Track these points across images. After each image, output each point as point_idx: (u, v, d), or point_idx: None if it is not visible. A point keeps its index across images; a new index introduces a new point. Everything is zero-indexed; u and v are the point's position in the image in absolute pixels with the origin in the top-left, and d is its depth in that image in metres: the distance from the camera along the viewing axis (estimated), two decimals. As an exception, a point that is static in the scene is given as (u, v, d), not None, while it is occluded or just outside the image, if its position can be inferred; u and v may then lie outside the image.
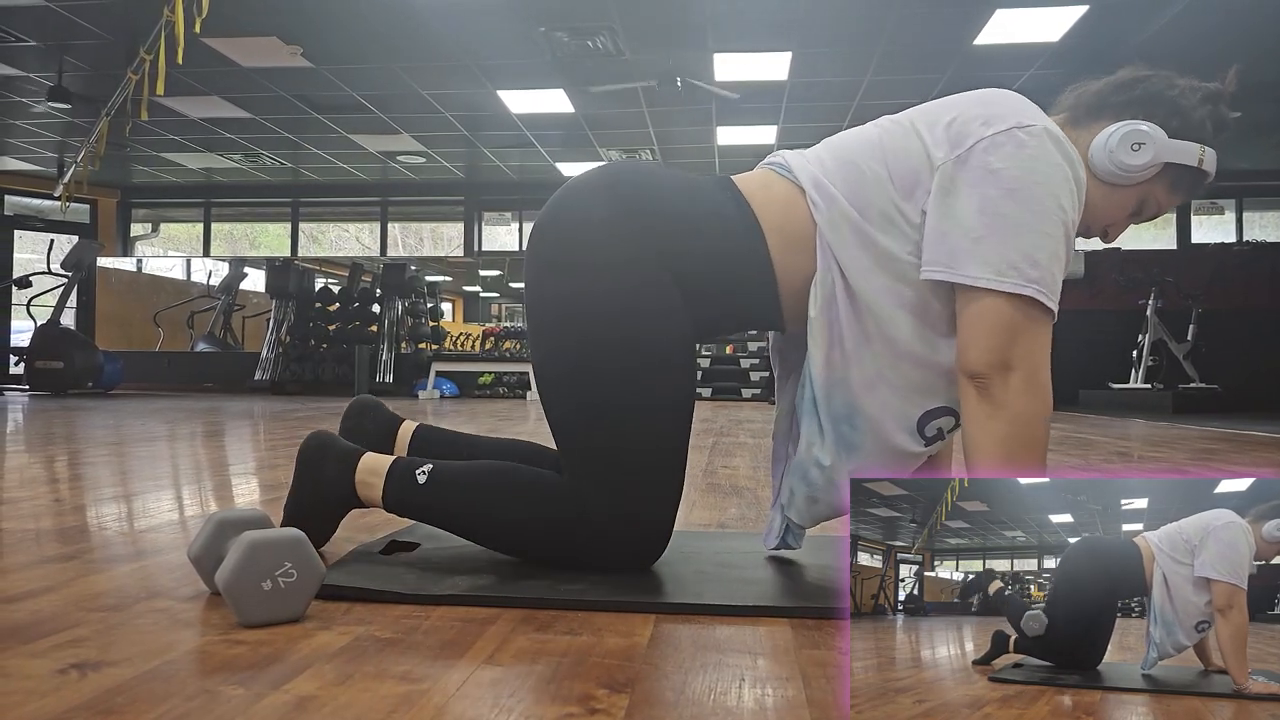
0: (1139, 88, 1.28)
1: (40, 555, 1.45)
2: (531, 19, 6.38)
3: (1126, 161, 1.24)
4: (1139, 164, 1.24)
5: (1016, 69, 7.17)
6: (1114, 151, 1.25)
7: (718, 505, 2.13)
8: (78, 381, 8.73)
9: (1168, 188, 1.29)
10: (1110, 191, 1.28)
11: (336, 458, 1.38)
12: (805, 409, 1.28)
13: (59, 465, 2.90)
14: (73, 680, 0.86)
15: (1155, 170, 1.25)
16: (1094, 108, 1.30)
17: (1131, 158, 1.24)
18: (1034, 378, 1.14)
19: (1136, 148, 1.24)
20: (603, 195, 1.30)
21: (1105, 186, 1.28)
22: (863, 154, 1.25)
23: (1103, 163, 1.26)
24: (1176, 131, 1.25)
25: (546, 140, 9.62)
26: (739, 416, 6.62)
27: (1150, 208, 1.31)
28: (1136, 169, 1.24)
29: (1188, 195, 1.31)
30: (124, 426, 4.59)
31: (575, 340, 1.26)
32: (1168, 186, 1.29)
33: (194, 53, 6.10)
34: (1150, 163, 1.24)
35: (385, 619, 1.09)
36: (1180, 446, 4.32)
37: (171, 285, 12.87)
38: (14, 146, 9.99)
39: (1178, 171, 1.27)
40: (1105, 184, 1.27)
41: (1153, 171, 1.25)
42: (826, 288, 1.22)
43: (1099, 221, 1.32)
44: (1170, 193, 1.30)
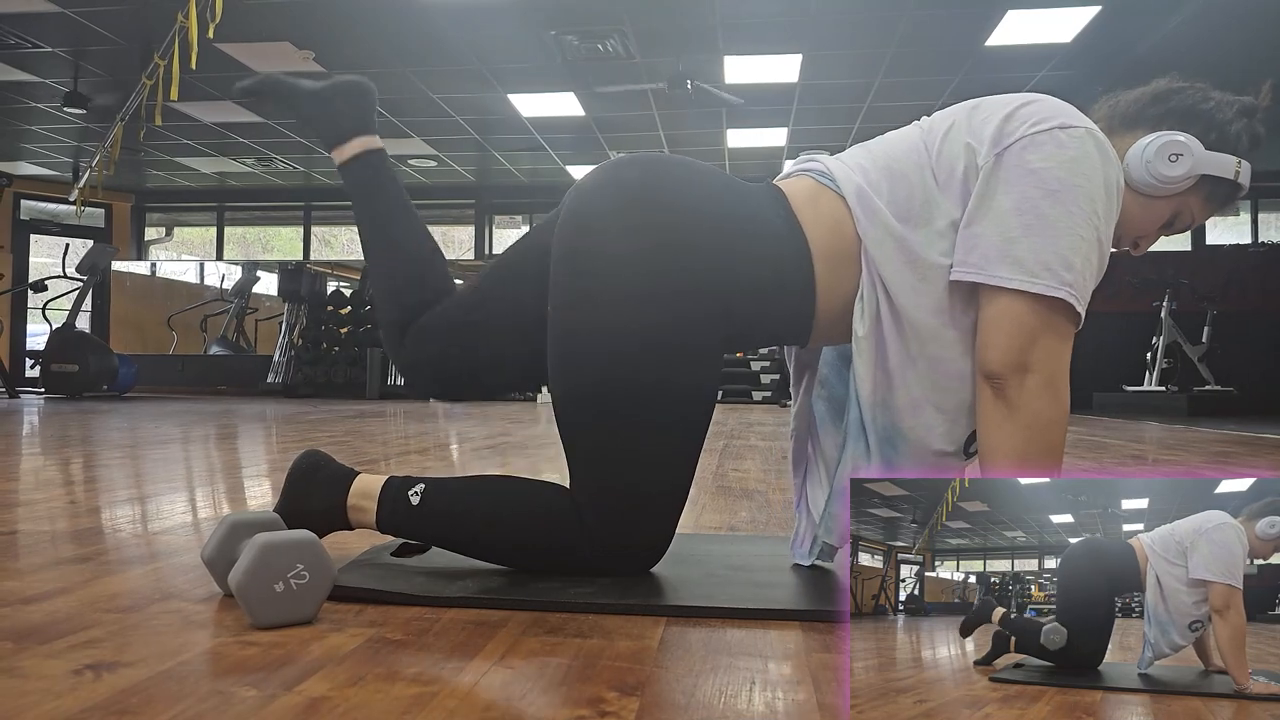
0: (1174, 99, 1.27)
1: (56, 557, 1.47)
2: (542, 23, 6.40)
3: (1164, 172, 1.23)
4: (1176, 175, 1.23)
5: (1029, 70, 7.15)
6: (1151, 162, 1.23)
7: (728, 508, 2.13)
8: (93, 384, 8.79)
9: (1203, 199, 1.27)
10: (1145, 202, 1.27)
11: (328, 479, 1.34)
12: (852, 430, 1.24)
13: (74, 468, 2.93)
14: (88, 681, 0.87)
15: (1191, 182, 1.24)
16: (1129, 118, 1.29)
17: (1169, 168, 1.23)
18: (1052, 381, 1.12)
19: (1174, 159, 1.23)
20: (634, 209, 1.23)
21: (1140, 197, 1.26)
22: (906, 159, 1.22)
23: (1139, 173, 1.24)
24: (1213, 144, 1.24)
25: (557, 143, 9.64)
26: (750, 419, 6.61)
27: (1184, 219, 1.30)
28: (1173, 180, 1.23)
29: (1221, 207, 1.29)
30: (138, 429, 4.62)
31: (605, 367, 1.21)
32: (1203, 198, 1.27)
33: (207, 58, 6.15)
34: (1187, 174, 1.23)
35: (396, 621, 1.10)
36: (1195, 450, 4.30)
37: (185, 289, 12.94)
38: (30, 151, 10.08)
39: (1213, 184, 1.25)
40: (1140, 195, 1.26)
41: (1189, 183, 1.24)
42: (872, 306, 1.19)
43: (1131, 232, 1.30)
44: (1205, 205, 1.28)
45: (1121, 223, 1.26)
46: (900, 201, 1.20)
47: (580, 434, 1.26)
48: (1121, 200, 1.18)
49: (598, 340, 1.21)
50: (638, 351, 1.20)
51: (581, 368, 1.23)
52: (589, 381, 1.23)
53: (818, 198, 1.26)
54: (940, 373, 1.18)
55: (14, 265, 11.15)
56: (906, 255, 1.17)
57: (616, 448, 1.23)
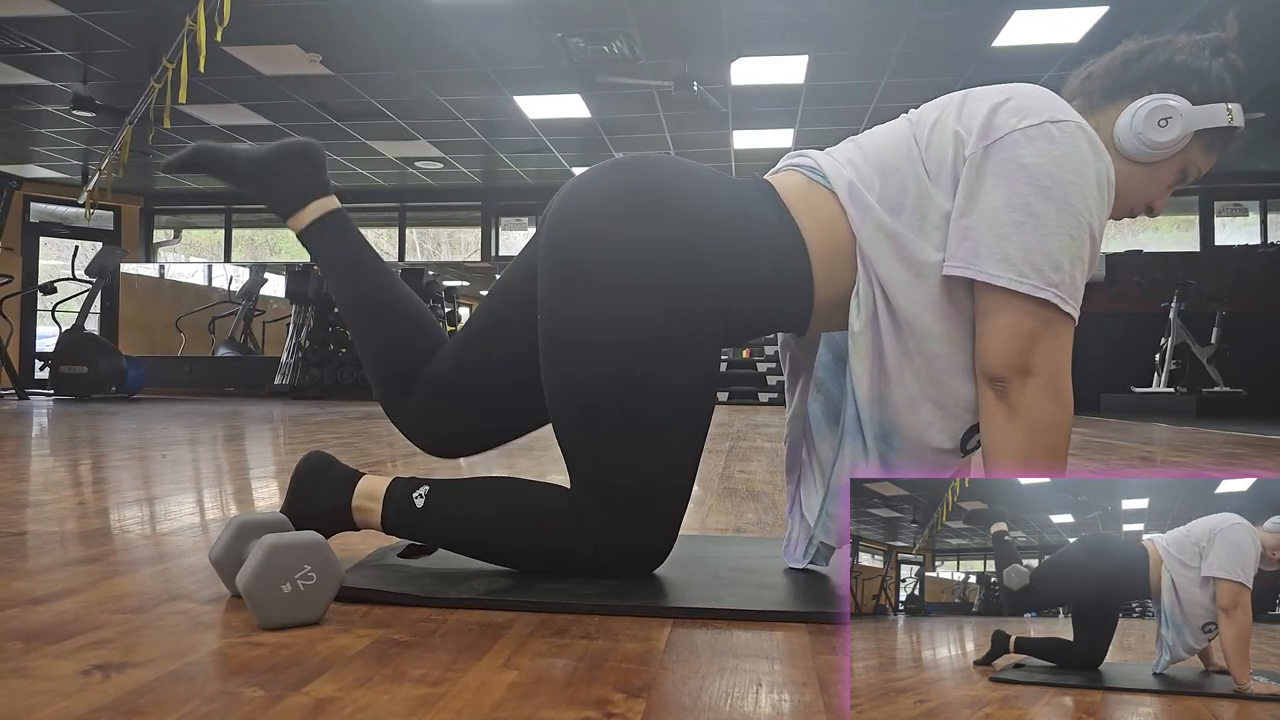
0: (1145, 59, 1.27)
1: (65, 558, 1.47)
2: (548, 25, 6.41)
3: (1156, 139, 1.22)
4: (1170, 139, 1.22)
5: (1036, 70, 7.13)
6: (1142, 132, 1.22)
7: (734, 510, 2.13)
8: (101, 386, 8.82)
9: (1203, 151, 1.26)
10: (1147, 170, 1.25)
11: (333, 481, 1.34)
12: (848, 429, 1.23)
13: (83, 469, 2.94)
14: (96, 681, 0.87)
15: (1187, 140, 1.23)
16: (1108, 90, 1.28)
17: (1161, 134, 1.22)
18: (1054, 383, 1.12)
19: (1164, 123, 1.22)
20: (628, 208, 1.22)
21: (1140, 167, 1.25)
22: (896, 152, 1.22)
23: (1132, 144, 1.23)
24: (1198, 96, 1.23)
25: (563, 145, 9.65)
26: (756, 421, 6.61)
27: (1191, 174, 1.28)
28: (1167, 144, 1.22)
29: (1223, 152, 1.28)
30: (146, 430, 4.63)
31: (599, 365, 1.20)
32: (1203, 150, 1.26)
33: (215, 61, 6.17)
34: (1181, 135, 1.22)
35: (403, 622, 1.10)
36: (1204, 451, 4.28)
37: (193, 291, 12.98)
38: (40, 154, 10.14)
39: (1210, 134, 1.24)
40: (1140, 165, 1.25)
41: (1185, 142, 1.23)
42: (868, 302, 1.18)
43: (1141, 200, 1.28)
44: (1207, 154, 1.27)
45: (1128, 193, 1.26)
46: (892, 196, 1.19)
47: (576, 434, 1.25)
48: (1113, 192, 1.16)
49: (590, 338, 1.20)
50: (632, 349, 1.18)
51: (575, 367, 1.22)
52: (583, 381, 1.21)
53: (810, 193, 1.25)
54: (937, 368, 1.18)
55: (24, 267, 11.19)
56: (899, 251, 1.17)
57: (613, 448, 1.22)
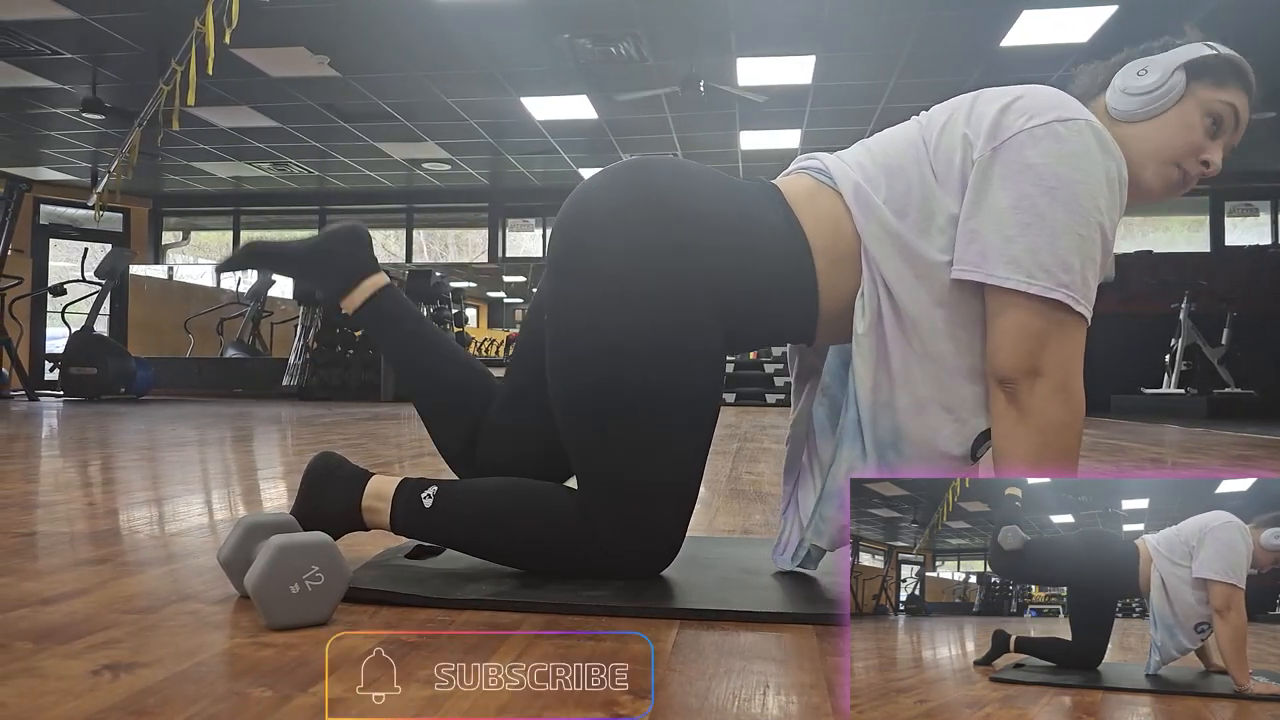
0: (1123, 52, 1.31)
1: (74, 558, 1.48)
2: (555, 27, 6.41)
3: (1140, 85, 1.24)
4: (1153, 81, 1.23)
5: (1045, 70, 7.08)
6: (1126, 89, 1.25)
7: (742, 511, 2.13)
8: (111, 387, 8.85)
9: (1211, 85, 1.23)
10: (1155, 124, 1.24)
11: (343, 481, 1.35)
12: (847, 431, 1.22)
13: (92, 469, 2.96)
14: (106, 681, 0.88)
15: (1180, 82, 1.22)
16: (1100, 82, 1.30)
17: (1143, 80, 1.24)
18: (1065, 385, 1.11)
19: (1142, 72, 1.25)
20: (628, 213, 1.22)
21: (1146, 124, 1.24)
22: (904, 154, 1.22)
23: (1125, 104, 1.25)
24: (1167, 46, 1.26)
25: (570, 146, 9.65)
26: (763, 422, 6.60)
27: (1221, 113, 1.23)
28: (1154, 87, 1.23)
29: (1238, 82, 1.24)
30: (155, 431, 4.65)
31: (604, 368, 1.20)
32: (1211, 85, 1.23)
33: (224, 63, 6.20)
34: (1164, 75, 1.23)
35: (411, 623, 1.11)
36: (1215, 452, 4.26)
37: (202, 292, 13.01)
38: (49, 157, 10.18)
39: (1202, 68, 1.23)
40: (1143, 121, 1.24)
41: (1178, 82, 1.22)
42: (873, 304, 1.18)
43: (1177, 155, 1.24)
44: (1219, 89, 1.23)
45: (1159, 152, 1.23)
46: (898, 198, 1.19)
47: (580, 436, 1.26)
48: (1126, 191, 1.16)
49: (595, 341, 1.21)
50: (634, 353, 1.19)
51: (579, 371, 1.23)
52: (587, 385, 1.22)
53: (816, 195, 1.25)
54: (945, 370, 1.17)
55: (34, 269, 11.24)
56: (905, 253, 1.17)
57: (618, 450, 1.22)
